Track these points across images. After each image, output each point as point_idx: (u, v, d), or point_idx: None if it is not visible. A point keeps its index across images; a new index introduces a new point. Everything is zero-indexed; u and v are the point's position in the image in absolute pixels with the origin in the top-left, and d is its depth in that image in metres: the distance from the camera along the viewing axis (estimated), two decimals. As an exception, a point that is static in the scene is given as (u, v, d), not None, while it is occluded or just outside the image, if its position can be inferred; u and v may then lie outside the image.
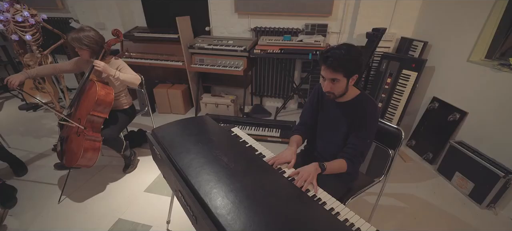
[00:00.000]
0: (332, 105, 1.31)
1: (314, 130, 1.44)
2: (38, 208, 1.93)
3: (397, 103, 2.52)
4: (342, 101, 1.27)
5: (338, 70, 1.10)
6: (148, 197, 2.05)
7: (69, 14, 3.62)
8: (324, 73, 1.14)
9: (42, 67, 2.01)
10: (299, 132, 1.43)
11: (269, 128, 2.81)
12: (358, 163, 1.25)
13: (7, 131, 2.90)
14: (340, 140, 1.30)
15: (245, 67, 2.83)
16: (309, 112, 1.43)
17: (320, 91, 1.36)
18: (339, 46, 1.10)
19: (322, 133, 1.40)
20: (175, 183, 1.05)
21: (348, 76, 1.13)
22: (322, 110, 1.38)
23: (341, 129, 1.28)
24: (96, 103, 1.83)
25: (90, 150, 1.87)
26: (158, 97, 3.34)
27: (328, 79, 1.14)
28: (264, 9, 2.95)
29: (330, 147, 1.36)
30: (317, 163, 1.16)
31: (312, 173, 1.10)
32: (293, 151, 1.27)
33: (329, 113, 1.34)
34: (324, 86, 1.18)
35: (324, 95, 1.30)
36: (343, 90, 1.18)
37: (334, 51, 1.09)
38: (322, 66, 1.13)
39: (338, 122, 1.30)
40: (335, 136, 1.32)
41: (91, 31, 1.84)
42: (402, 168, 2.42)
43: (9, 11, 2.17)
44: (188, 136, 1.29)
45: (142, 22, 3.53)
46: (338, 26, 2.93)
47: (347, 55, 1.08)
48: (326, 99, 1.29)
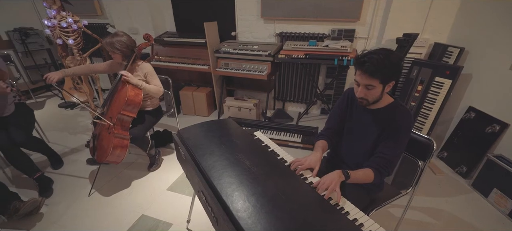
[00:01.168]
0: (363, 112, 1.26)
1: (340, 136, 1.40)
2: (71, 200, 2.07)
3: (428, 112, 2.38)
4: (374, 108, 1.22)
5: (375, 75, 1.05)
6: (170, 196, 2.11)
7: (107, 20, 3.87)
8: (359, 78, 1.10)
9: (79, 67, 2.16)
10: (325, 137, 1.39)
11: (290, 133, 2.78)
12: (386, 174, 1.19)
13: (48, 126, 3.15)
14: (368, 148, 1.25)
15: (269, 71, 2.84)
16: (336, 117, 1.39)
17: (350, 96, 1.32)
18: (376, 50, 1.06)
19: (349, 140, 1.35)
20: (198, 184, 1.07)
21: (384, 83, 1.09)
22: (351, 116, 1.33)
23: (370, 137, 1.23)
24: (126, 103, 1.94)
25: (118, 147, 1.97)
26: (184, 99, 3.45)
27: (362, 85, 1.10)
28: (290, 14, 2.95)
29: (356, 155, 1.31)
30: (340, 171, 1.12)
31: (335, 180, 1.07)
32: (319, 158, 1.23)
33: (359, 119, 1.29)
34: (358, 92, 1.14)
35: (354, 101, 1.26)
36: (377, 97, 1.13)
37: (371, 56, 1.04)
38: (357, 71, 1.10)
39: (367, 129, 1.25)
40: (363, 144, 1.27)
41: (124, 36, 1.96)
42: (432, 180, 2.27)
43: (56, 18, 2.38)
44: (212, 138, 1.32)
45: (172, 27, 3.68)
46: (366, 32, 2.85)
47: (386, 60, 1.03)
48: (357, 105, 1.25)
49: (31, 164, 2.09)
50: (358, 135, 1.30)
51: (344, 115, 1.36)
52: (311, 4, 2.82)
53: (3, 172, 2.37)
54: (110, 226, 1.83)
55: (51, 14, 2.38)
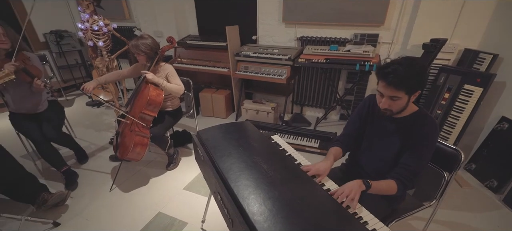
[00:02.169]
0: (385, 120, 1.21)
1: (359, 143, 1.35)
2: (93, 194, 2.17)
3: (456, 121, 2.25)
4: (398, 117, 1.17)
5: (400, 88, 1.01)
6: (186, 195, 2.15)
7: (134, 24, 4.05)
8: (383, 90, 1.06)
9: (109, 75, 2.28)
10: (340, 144, 1.35)
11: (308, 138, 2.74)
12: (410, 187, 1.14)
13: (75, 123, 3.34)
14: (389, 157, 1.20)
15: (288, 75, 2.82)
16: (356, 123, 1.35)
17: (371, 103, 1.28)
18: (400, 60, 1.02)
19: (369, 148, 1.30)
20: (215, 185, 1.08)
21: (410, 94, 1.04)
22: (372, 123, 1.28)
23: (393, 146, 1.18)
24: (148, 102, 2.00)
25: (139, 144, 2.04)
26: (203, 101, 3.52)
27: (387, 97, 1.06)
28: (312, 19, 2.92)
29: (376, 163, 1.27)
30: (361, 180, 1.08)
31: (355, 189, 1.03)
32: (328, 165, 1.20)
33: (381, 127, 1.24)
34: (381, 103, 1.09)
35: (376, 107, 1.21)
36: (402, 108, 1.09)
37: (395, 67, 1.00)
38: (381, 82, 1.06)
39: (390, 138, 1.20)
40: (384, 152, 1.22)
41: (149, 39, 2.04)
42: (458, 193, 2.14)
43: (88, 21, 2.52)
44: (230, 140, 1.32)
45: (195, 30, 3.78)
46: (391, 36, 2.75)
47: (410, 71, 0.99)
48: (379, 112, 1.21)
49: (60, 158, 2.22)
50: (379, 143, 1.25)
51: (364, 122, 1.32)
52: (333, 9, 2.77)
53: (34, 164, 2.53)
54: (128, 221, 1.89)
55: (85, 17, 2.53)
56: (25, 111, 2.12)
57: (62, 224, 1.86)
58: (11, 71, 1.79)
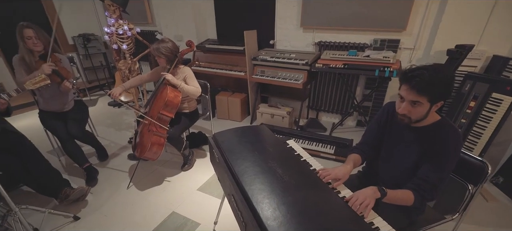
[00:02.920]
0: (405, 128, 1.17)
1: (377, 151, 1.31)
2: (112, 190, 2.24)
3: (482, 131, 2.13)
4: (418, 126, 1.12)
5: (423, 93, 0.97)
6: (200, 196, 2.17)
7: (156, 28, 4.19)
8: (404, 94, 1.02)
9: (132, 80, 2.37)
10: (359, 151, 1.32)
11: (323, 144, 2.70)
12: (429, 199, 1.08)
13: (98, 122, 3.48)
14: (407, 167, 1.15)
15: (304, 80, 2.80)
16: (374, 131, 1.31)
17: (390, 110, 1.24)
18: (427, 66, 0.98)
19: (387, 157, 1.26)
20: (229, 187, 1.08)
21: (432, 102, 0.99)
22: (390, 131, 1.24)
23: (411, 155, 1.13)
24: (165, 104, 2.06)
25: (156, 144, 2.09)
26: (219, 104, 3.56)
27: (407, 101, 1.02)
28: (331, 24, 2.89)
29: (394, 173, 1.22)
30: (376, 187, 1.05)
31: (370, 196, 1.00)
32: (348, 170, 1.17)
33: (399, 136, 1.20)
34: (401, 108, 1.05)
35: (395, 115, 1.17)
36: (421, 116, 1.04)
37: (421, 71, 0.96)
38: (403, 86, 1.02)
39: (408, 147, 1.15)
40: (402, 162, 1.18)
41: (169, 43, 2.11)
42: (483, 208, 2.01)
43: (114, 26, 2.65)
44: (245, 143, 1.32)
45: (214, 35, 3.85)
46: (412, 42, 2.67)
47: (437, 78, 0.95)
48: (398, 120, 1.17)
49: (82, 155, 2.32)
50: (398, 152, 1.20)
51: (382, 130, 1.28)
52: (353, 14, 2.73)
53: (59, 160, 2.66)
54: (144, 219, 1.94)
55: (111, 22, 2.65)
56: (53, 110, 2.25)
57: (82, 218, 1.94)
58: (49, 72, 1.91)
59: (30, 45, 1.97)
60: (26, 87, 1.68)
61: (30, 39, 1.96)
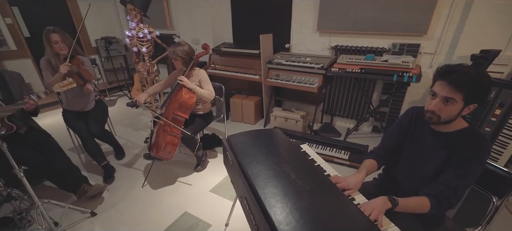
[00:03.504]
0: (428, 133, 1.12)
1: (396, 157, 1.26)
2: (127, 188, 2.30)
3: (508, 141, 2.01)
4: (444, 131, 1.07)
5: (460, 89, 0.93)
6: (212, 197, 2.18)
7: (174, 31, 4.30)
8: (438, 89, 0.98)
9: (154, 86, 2.45)
10: (376, 156, 1.27)
11: (337, 149, 2.64)
12: (446, 206, 1.02)
13: (116, 121, 3.60)
14: (429, 174, 1.10)
15: (320, 84, 2.77)
16: (394, 135, 1.26)
17: (414, 115, 1.19)
18: (466, 64, 0.95)
19: (407, 163, 1.21)
20: (242, 190, 1.08)
21: (467, 101, 0.95)
22: (413, 136, 1.19)
23: (434, 162, 1.08)
24: (180, 105, 2.10)
25: (170, 144, 2.13)
26: (233, 107, 3.58)
27: (440, 97, 0.97)
28: (348, 28, 2.85)
29: (414, 180, 1.17)
30: (386, 197, 1.00)
31: (378, 208, 0.96)
32: (360, 179, 1.13)
33: (422, 141, 1.14)
34: (431, 105, 1.00)
35: (419, 120, 1.13)
36: (451, 116, 0.99)
37: (461, 67, 0.94)
38: (439, 81, 0.98)
39: (431, 154, 1.10)
40: (423, 169, 1.13)
41: (185, 46, 2.17)
42: (508, 222, 1.89)
43: (135, 29, 2.74)
44: (259, 146, 1.32)
45: (230, 38, 3.90)
46: (434, 47, 2.57)
47: (477, 77, 0.92)
48: (422, 126, 1.12)
49: (101, 153, 2.40)
50: (419, 158, 1.15)
51: (404, 135, 1.22)
52: (372, 18, 2.68)
53: (79, 157, 2.77)
54: (157, 217, 1.97)
55: (132, 26, 2.75)
56: (75, 110, 2.35)
57: (99, 214, 2.00)
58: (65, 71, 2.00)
59: (57, 49, 2.08)
60: (54, 90, 1.77)
61: (56, 43, 2.06)
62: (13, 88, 1.90)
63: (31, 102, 1.73)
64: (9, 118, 1.82)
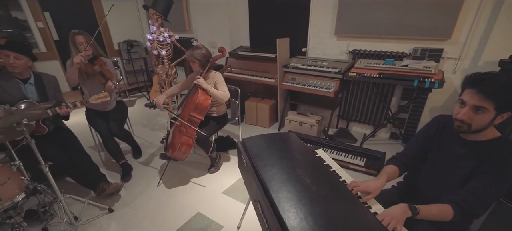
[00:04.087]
0: (457, 142, 1.07)
1: (419, 165, 1.21)
2: (143, 187, 2.36)
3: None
4: (473, 140, 1.02)
5: (491, 97, 0.88)
6: (224, 199, 2.19)
7: (192, 35, 4.40)
8: (468, 98, 0.93)
9: (172, 88, 2.51)
10: (398, 162, 1.22)
11: (353, 155, 2.58)
12: (470, 214, 0.98)
13: (135, 121, 3.71)
14: (454, 184, 1.05)
15: (336, 89, 2.72)
16: (420, 142, 1.21)
17: (441, 123, 1.15)
18: (497, 72, 0.92)
19: (431, 171, 1.16)
20: (256, 193, 1.07)
21: (499, 111, 0.90)
22: (439, 145, 1.14)
23: (461, 171, 1.03)
24: (196, 106, 2.14)
25: (185, 144, 2.17)
26: (248, 110, 3.59)
27: (470, 106, 0.93)
28: (367, 32, 2.79)
29: (438, 189, 1.11)
30: (406, 205, 0.96)
31: (398, 216, 0.92)
32: (380, 184, 1.10)
33: (449, 150, 1.10)
34: (460, 114, 0.96)
35: (446, 128, 1.09)
36: (483, 125, 0.94)
37: (492, 75, 0.90)
38: (468, 89, 0.94)
39: (459, 163, 1.05)
40: (448, 178, 1.08)
41: (203, 49, 2.21)
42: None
43: (155, 33, 2.83)
44: (274, 150, 1.31)
45: (247, 42, 3.93)
46: (458, 51, 2.46)
47: (509, 84, 0.87)
48: (450, 134, 1.07)
49: (120, 152, 2.49)
50: (445, 167, 1.10)
51: (429, 143, 1.17)
52: (392, 21, 2.60)
53: (99, 155, 2.88)
54: (170, 217, 2.01)
55: (153, 29, 2.85)
56: (97, 109, 2.45)
57: (115, 211, 2.06)
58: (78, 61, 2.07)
59: (81, 50, 2.19)
60: (90, 101, 1.88)
61: (81, 44, 2.18)
62: (49, 91, 2.03)
63: (68, 110, 1.85)
64: (43, 120, 1.93)
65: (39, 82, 1.99)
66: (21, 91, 1.89)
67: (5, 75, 1.85)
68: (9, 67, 1.82)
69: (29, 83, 1.95)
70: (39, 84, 1.99)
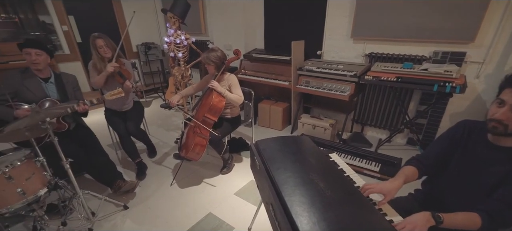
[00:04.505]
0: (485, 147, 1.02)
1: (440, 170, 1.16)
2: (157, 186, 2.40)
3: None
4: (505, 146, 0.97)
5: None
6: (236, 200, 2.20)
7: (208, 37, 4.47)
8: (508, 97, 0.90)
9: (187, 89, 2.56)
10: (418, 163, 1.17)
11: (367, 160, 2.51)
12: (500, 224, 0.91)
13: (150, 121, 3.80)
14: (482, 190, 1.00)
15: (351, 92, 2.67)
16: (443, 147, 1.15)
17: (468, 129, 1.10)
18: None
19: (455, 178, 1.10)
20: (268, 196, 1.07)
21: None
22: (465, 150, 1.09)
23: (491, 178, 0.98)
24: (210, 108, 2.16)
25: (198, 145, 2.19)
26: (261, 112, 3.60)
27: (509, 105, 0.89)
28: (385, 35, 2.72)
29: (464, 196, 1.06)
30: (429, 213, 0.92)
31: (420, 225, 0.88)
32: (396, 186, 1.05)
33: (476, 156, 1.04)
34: (498, 113, 0.92)
35: (473, 134, 1.05)
36: None
37: None
38: (509, 88, 0.90)
39: (487, 170, 1.00)
40: (475, 185, 1.03)
41: (218, 51, 2.24)
42: None
43: (173, 36, 2.90)
44: (287, 153, 1.30)
45: (261, 44, 3.95)
46: (482, 55, 2.35)
47: None
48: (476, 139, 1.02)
49: (136, 151, 2.55)
50: (471, 173, 1.05)
51: (453, 147, 1.12)
52: (411, 24, 2.52)
53: (115, 153, 2.97)
54: (182, 216, 2.03)
55: (170, 32, 2.92)
56: (115, 108, 2.53)
57: (130, 208, 2.12)
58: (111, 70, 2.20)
59: (101, 53, 2.28)
60: (105, 98, 1.99)
61: (101, 48, 2.27)
62: (68, 90, 2.13)
63: (85, 107, 1.94)
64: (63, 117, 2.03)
65: (59, 81, 2.10)
66: (43, 90, 2.00)
67: (29, 76, 1.97)
68: (32, 65, 1.93)
69: (50, 82, 2.06)
70: (59, 83, 2.09)
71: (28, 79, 1.95)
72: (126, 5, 4.84)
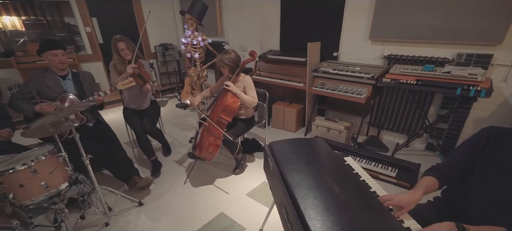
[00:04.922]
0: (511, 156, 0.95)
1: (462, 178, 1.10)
2: (170, 184, 2.45)
3: None
4: None
5: None
6: (248, 201, 2.19)
7: (224, 39, 4.52)
8: None
9: (206, 90, 2.60)
10: (438, 173, 1.11)
11: (383, 165, 2.44)
12: None
13: (166, 120, 3.89)
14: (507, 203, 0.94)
15: (368, 95, 2.60)
16: (465, 155, 1.09)
17: (493, 136, 1.03)
18: None
19: (480, 188, 1.04)
20: (281, 198, 1.06)
21: None
22: (489, 158, 1.02)
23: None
24: (224, 108, 2.18)
25: (212, 145, 2.21)
26: (275, 113, 3.58)
27: None
28: (405, 36, 2.64)
29: (489, 207, 1.00)
30: (453, 223, 0.88)
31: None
32: (415, 199, 1.01)
33: (503, 165, 0.98)
34: None
35: (499, 141, 0.99)
36: None
37: None
38: None
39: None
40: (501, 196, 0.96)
41: (232, 53, 2.25)
42: None
43: (190, 37, 2.96)
44: (301, 155, 1.29)
45: (277, 45, 3.95)
46: (510, 58, 2.22)
47: None
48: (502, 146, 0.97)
49: (151, 149, 2.61)
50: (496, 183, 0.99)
51: (477, 155, 1.06)
52: (433, 25, 2.43)
53: (132, 151, 3.05)
54: (194, 214, 2.06)
55: (188, 33, 2.97)
56: (133, 107, 2.61)
57: (145, 204, 2.17)
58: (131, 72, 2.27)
59: (122, 55, 2.37)
60: (117, 87, 2.08)
61: (122, 50, 2.35)
62: (85, 86, 2.23)
63: (100, 99, 2.05)
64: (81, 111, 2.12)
65: (76, 78, 2.20)
66: (61, 87, 2.11)
67: (49, 75, 2.08)
68: (59, 65, 2.03)
69: (67, 79, 2.16)
70: (77, 80, 2.20)
71: (48, 77, 2.07)
72: (146, 6, 4.98)
